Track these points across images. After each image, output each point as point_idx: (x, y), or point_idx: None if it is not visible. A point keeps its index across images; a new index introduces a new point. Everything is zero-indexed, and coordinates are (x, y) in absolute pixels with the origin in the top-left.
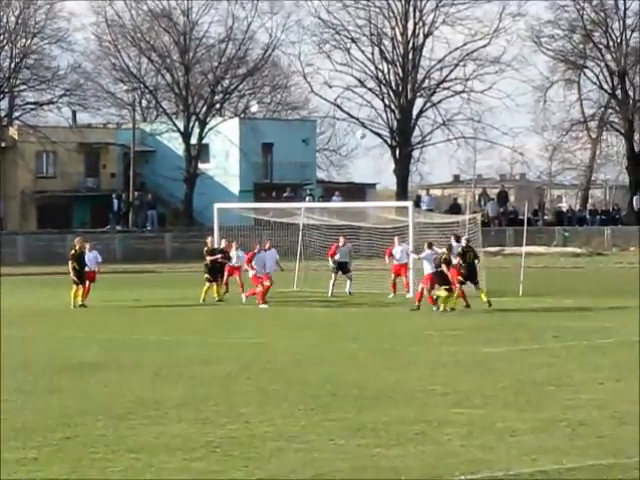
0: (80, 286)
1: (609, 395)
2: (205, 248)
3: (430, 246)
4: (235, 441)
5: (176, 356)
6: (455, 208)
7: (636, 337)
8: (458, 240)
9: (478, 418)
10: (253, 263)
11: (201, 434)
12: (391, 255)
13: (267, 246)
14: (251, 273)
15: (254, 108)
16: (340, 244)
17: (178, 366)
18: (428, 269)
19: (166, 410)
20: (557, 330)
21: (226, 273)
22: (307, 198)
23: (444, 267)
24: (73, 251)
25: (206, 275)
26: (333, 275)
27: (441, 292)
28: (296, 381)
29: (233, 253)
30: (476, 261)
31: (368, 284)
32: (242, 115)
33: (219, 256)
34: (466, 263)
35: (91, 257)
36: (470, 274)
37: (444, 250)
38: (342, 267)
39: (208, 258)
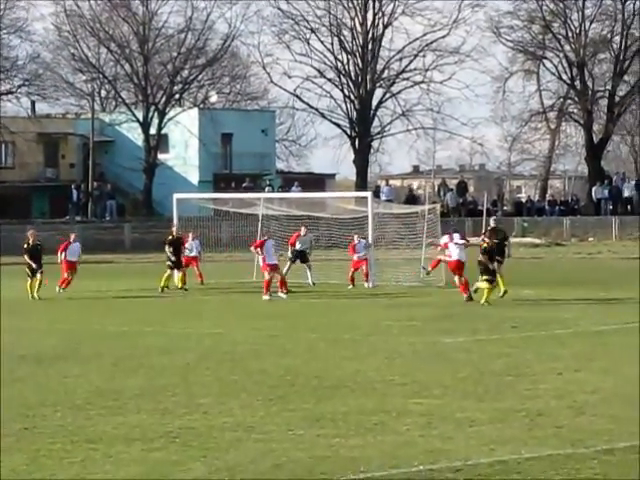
0: (35, 278)
1: (567, 385)
2: (170, 237)
3: (456, 232)
4: (194, 431)
5: (135, 346)
6: (411, 199)
7: (594, 327)
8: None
9: (437, 408)
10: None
11: (160, 424)
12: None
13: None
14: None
15: (213, 98)
16: (302, 233)
17: (137, 356)
18: (456, 255)
19: (125, 400)
20: (516, 320)
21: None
22: (266, 188)
23: (484, 257)
24: (26, 244)
25: (168, 263)
26: (289, 263)
27: (482, 284)
28: (255, 371)
29: (189, 243)
30: (506, 242)
31: (327, 274)
32: (201, 105)
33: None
34: (498, 240)
35: (75, 248)
36: (499, 252)
37: (482, 239)
38: (301, 256)
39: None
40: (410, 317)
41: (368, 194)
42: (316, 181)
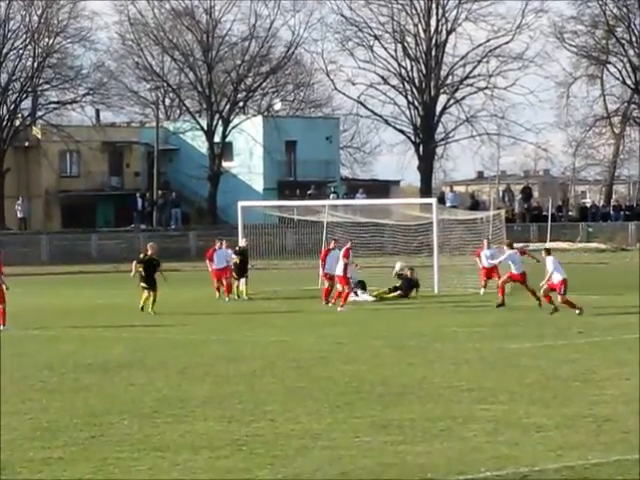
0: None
1: (634, 390)
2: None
3: (510, 246)
4: (260, 439)
5: (201, 354)
6: (474, 205)
7: None
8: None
9: (503, 414)
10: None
11: (227, 432)
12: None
13: (331, 246)
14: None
15: (277, 106)
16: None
17: (203, 364)
18: (514, 269)
19: (192, 408)
20: (582, 326)
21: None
22: (331, 196)
23: None
24: (142, 255)
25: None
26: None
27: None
28: (321, 378)
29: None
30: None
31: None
32: (265, 113)
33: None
34: None
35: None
36: None
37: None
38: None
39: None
40: (476, 323)
41: (433, 200)
42: (380, 188)
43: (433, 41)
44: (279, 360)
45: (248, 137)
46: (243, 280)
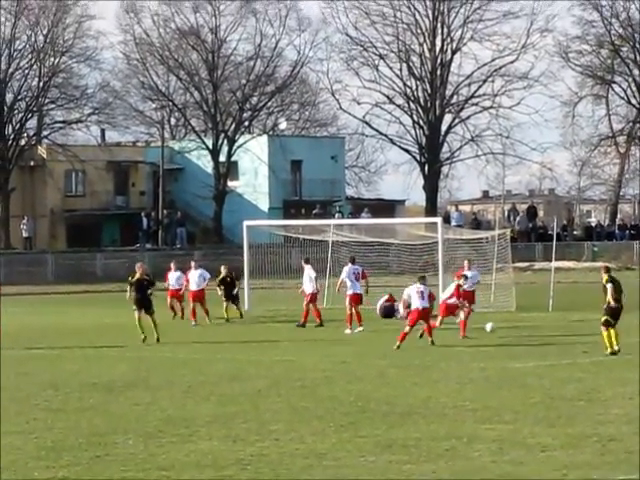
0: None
1: (638, 410)
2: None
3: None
4: (265, 459)
5: (206, 374)
6: (476, 224)
7: None
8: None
9: (508, 433)
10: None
11: (231, 452)
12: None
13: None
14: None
15: (283, 125)
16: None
17: (208, 384)
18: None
19: (196, 428)
20: (587, 345)
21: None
22: (336, 215)
23: None
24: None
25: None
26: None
27: None
28: (326, 398)
29: (172, 275)
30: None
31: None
32: (271, 132)
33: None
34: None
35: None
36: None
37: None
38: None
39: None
40: (481, 343)
41: (438, 220)
42: (386, 207)
43: (438, 60)
44: (284, 379)
45: (253, 156)
46: (228, 304)
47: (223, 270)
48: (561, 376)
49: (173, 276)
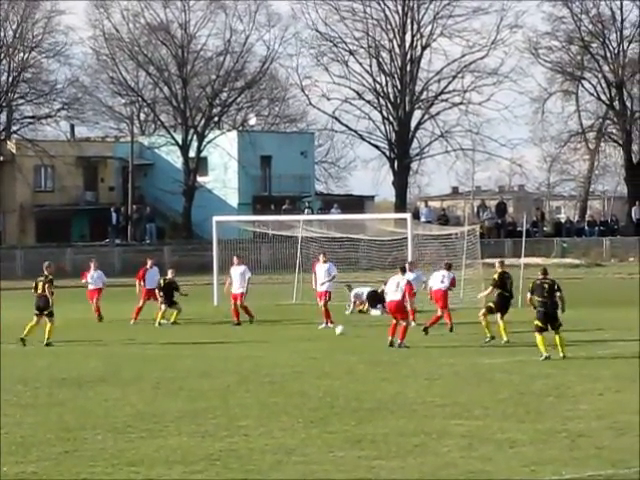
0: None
1: (608, 406)
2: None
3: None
4: (235, 454)
5: (175, 369)
6: (444, 220)
7: (635, 348)
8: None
9: (477, 429)
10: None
11: (200, 447)
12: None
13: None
14: None
15: (252, 121)
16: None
17: (177, 379)
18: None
19: (165, 423)
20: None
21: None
22: (306, 211)
23: None
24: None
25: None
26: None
27: None
28: (295, 394)
29: (91, 273)
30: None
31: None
32: (240, 128)
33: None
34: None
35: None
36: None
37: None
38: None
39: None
40: (450, 339)
41: (407, 215)
42: (355, 203)
43: (408, 56)
44: (253, 375)
45: (223, 152)
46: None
47: (170, 274)
48: (530, 372)
49: (93, 275)
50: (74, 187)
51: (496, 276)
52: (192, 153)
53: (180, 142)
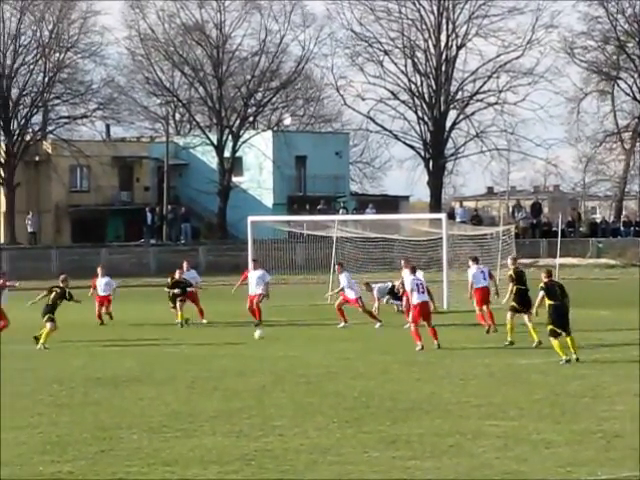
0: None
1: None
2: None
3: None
4: (270, 454)
5: (210, 369)
6: (476, 220)
7: None
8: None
9: (513, 430)
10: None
11: (235, 447)
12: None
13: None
14: None
15: (287, 121)
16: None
17: (212, 379)
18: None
19: (201, 423)
20: (592, 342)
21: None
22: (340, 211)
23: None
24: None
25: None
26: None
27: None
28: (330, 394)
29: (99, 281)
30: None
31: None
32: (275, 128)
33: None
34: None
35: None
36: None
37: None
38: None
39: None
40: (485, 339)
41: (442, 216)
42: (390, 203)
43: (443, 56)
44: (288, 375)
45: (258, 152)
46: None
47: (178, 274)
48: (566, 372)
49: (101, 282)
50: (109, 187)
51: (512, 272)
52: (227, 153)
53: (215, 142)
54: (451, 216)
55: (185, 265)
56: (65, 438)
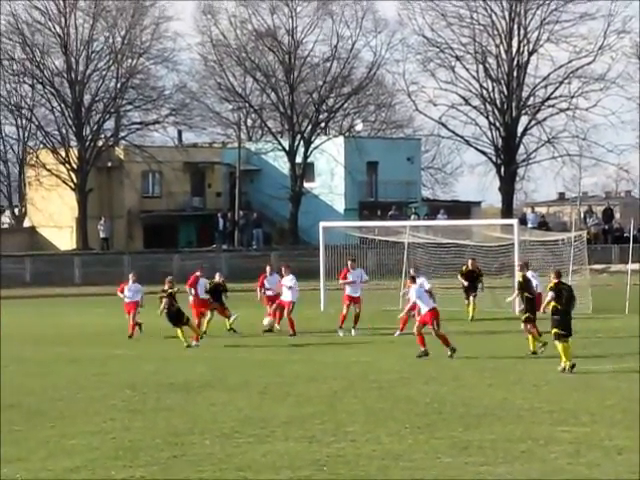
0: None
1: None
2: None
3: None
4: (342, 459)
5: (282, 375)
6: (543, 225)
7: None
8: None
9: (585, 436)
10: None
11: (308, 452)
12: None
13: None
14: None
15: (359, 127)
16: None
17: (284, 384)
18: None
19: (273, 428)
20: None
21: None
22: (412, 216)
23: None
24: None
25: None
26: None
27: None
28: (402, 399)
29: (129, 285)
30: None
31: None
32: (347, 134)
33: None
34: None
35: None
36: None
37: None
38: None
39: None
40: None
41: (514, 221)
42: (462, 209)
43: (515, 62)
44: (360, 381)
45: (329, 158)
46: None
47: (218, 277)
48: (638, 378)
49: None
50: (181, 193)
51: (521, 279)
52: (299, 159)
53: (287, 148)
54: (523, 222)
55: (268, 269)
56: (137, 443)
